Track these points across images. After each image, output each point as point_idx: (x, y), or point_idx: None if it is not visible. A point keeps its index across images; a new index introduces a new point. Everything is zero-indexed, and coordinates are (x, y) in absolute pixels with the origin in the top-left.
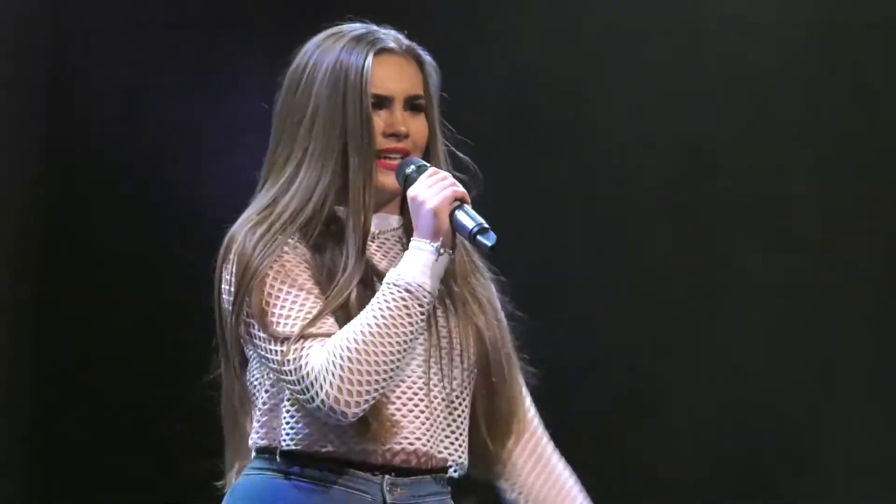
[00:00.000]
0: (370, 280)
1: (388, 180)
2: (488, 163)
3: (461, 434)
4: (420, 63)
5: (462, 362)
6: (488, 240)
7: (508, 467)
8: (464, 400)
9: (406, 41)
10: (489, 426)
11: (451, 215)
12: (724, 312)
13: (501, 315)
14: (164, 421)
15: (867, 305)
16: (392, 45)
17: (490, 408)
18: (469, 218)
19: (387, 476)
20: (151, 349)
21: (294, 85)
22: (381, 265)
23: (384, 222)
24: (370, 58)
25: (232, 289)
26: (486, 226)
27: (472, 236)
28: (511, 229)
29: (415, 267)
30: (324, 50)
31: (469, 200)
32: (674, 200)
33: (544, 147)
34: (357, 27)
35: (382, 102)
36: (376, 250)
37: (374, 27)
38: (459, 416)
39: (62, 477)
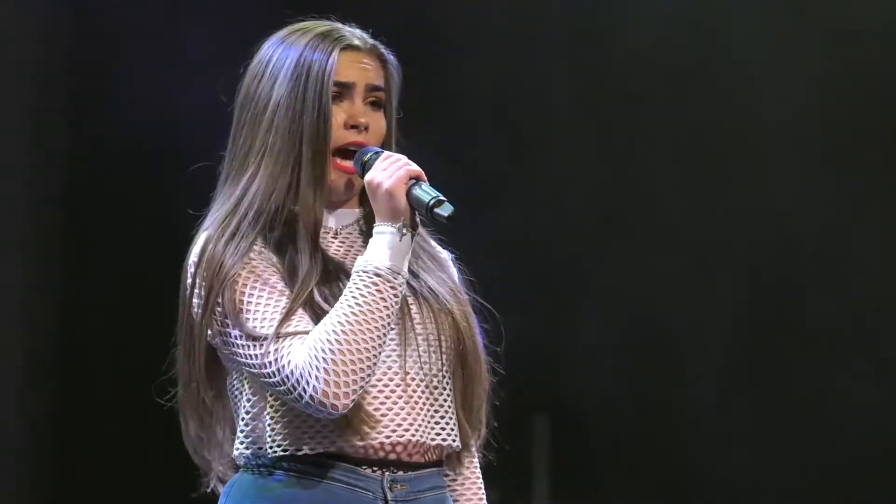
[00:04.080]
0: (333, 276)
1: (343, 181)
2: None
3: (451, 418)
4: (383, 62)
5: (440, 347)
6: (445, 210)
7: (461, 470)
8: (446, 385)
9: (371, 40)
10: (467, 411)
11: (408, 193)
12: None
13: (467, 301)
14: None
15: None
16: (357, 42)
17: (467, 394)
18: (425, 193)
19: (386, 472)
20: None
21: (257, 78)
22: (346, 260)
23: (344, 217)
24: (335, 53)
25: (202, 293)
26: (443, 198)
27: (428, 210)
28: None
29: (380, 250)
30: (288, 45)
31: (425, 178)
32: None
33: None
34: (322, 24)
35: (343, 92)
36: (339, 246)
37: (339, 25)
38: (445, 401)
39: (82, 478)
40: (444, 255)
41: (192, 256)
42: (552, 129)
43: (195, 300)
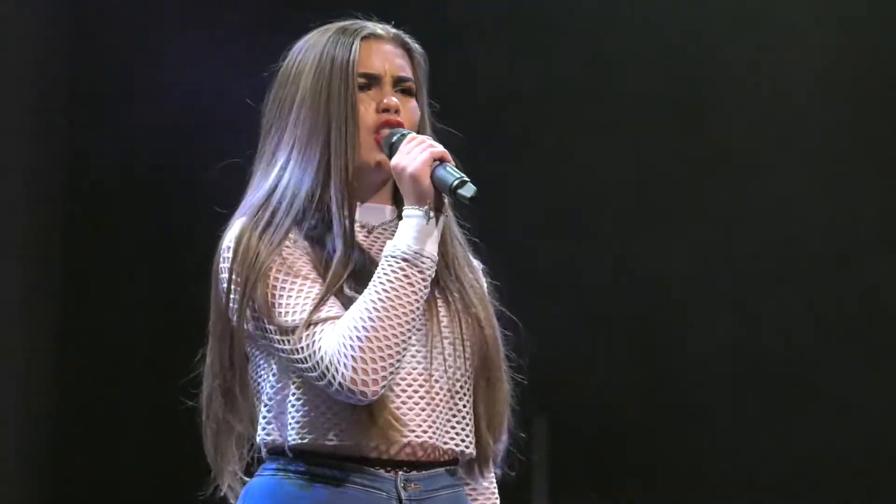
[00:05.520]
0: (366, 270)
1: (375, 159)
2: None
3: (467, 424)
4: (408, 50)
5: (464, 352)
6: (467, 192)
7: (479, 481)
8: (467, 391)
9: (394, 29)
10: (489, 421)
11: (432, 175)
12: None
13: (492, 310)
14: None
15: None
16: (379, 31)
17: (490, 402)
18: (448, 174)
19: (400, 472)
20: (171, 346)
21: (283, 79)
22: (378, 258)
23: (378, 214)
24: (357, 42)
25: (237, 285)
26: (466, 178)
27: (451, 190)
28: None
29: (407, 235)
30: (311, 45)
31: (449, 158)
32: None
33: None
34: (344, 20)
35: (371, 82)
36: (372, 243)
37: (361, 19)
38: (464, 406)
39: (83, 477)
40: (476, 263)
41: (226, 247)
42: (552, 129)
43: (232, 293)
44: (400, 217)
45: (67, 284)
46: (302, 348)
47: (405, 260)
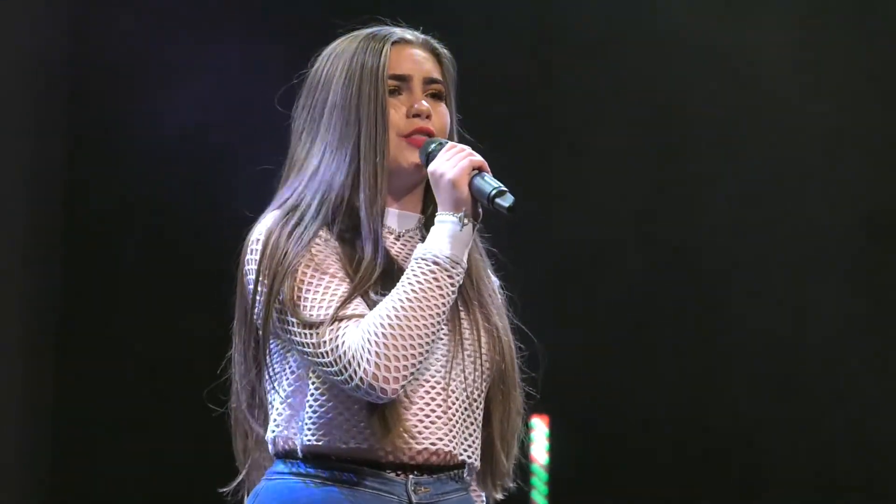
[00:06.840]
0: (394, 274)
1: (414, 157)
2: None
3: (477, 436)
4: (437, 55)
5: (482, 363)
6: (505, 201)
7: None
8: (481, 402)
9: (422, 35)
10: (503, 432)
11: (471, 184)
12: None
13: (508, 325)
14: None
15: None
16: (408, 36)
17: (505, 414)
18: (486, 183)
19: (411, 476)
20: (174, 346)
21: (313, 85)
22: (406, 263)
23: (406, 220)
24: (387, 47)
25: (265, 277)
26: (504, 188)
27: (490, 200)
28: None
29: (440, 239)
30: (341, 50)
31: (488, 168)
32: None
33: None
34: (371, 27)
35: (401, 85)
36: (400, 249)
37: (389, 26)
38: (477, 418)
39: (83, 478)
40: (494, 279)
41: (255, 239)
42: (551, 129)
43: (259, 286)
44: (426, 224)
45: (67, 284)
46: (325, 342)
47: (436, 263)
